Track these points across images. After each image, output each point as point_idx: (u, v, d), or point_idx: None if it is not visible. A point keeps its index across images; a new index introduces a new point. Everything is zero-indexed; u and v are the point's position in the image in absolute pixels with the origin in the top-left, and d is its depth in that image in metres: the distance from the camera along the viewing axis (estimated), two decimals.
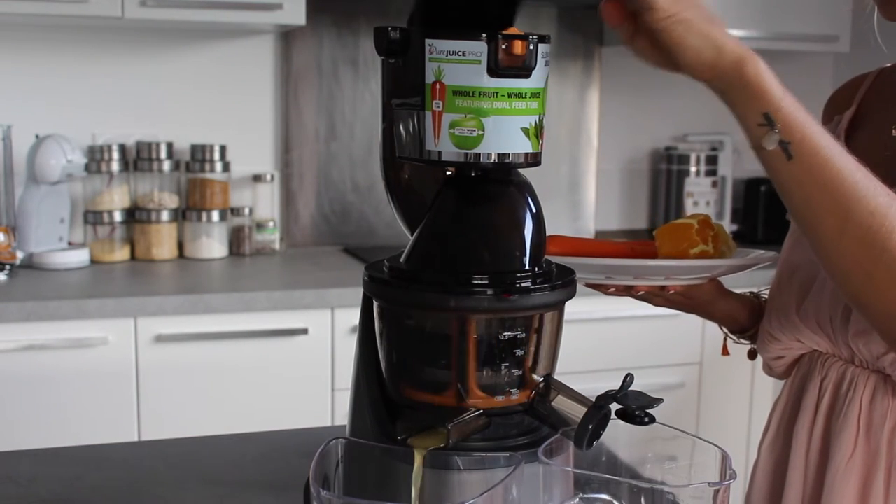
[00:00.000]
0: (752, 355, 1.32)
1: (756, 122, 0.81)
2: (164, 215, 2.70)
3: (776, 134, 0.80)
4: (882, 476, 1.08)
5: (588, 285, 1.16)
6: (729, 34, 0.80)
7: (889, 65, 1.20)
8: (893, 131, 1.13)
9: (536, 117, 0.81)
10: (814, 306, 1.12)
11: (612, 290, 1.16)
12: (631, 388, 0.79)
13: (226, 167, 2.78)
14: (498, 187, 0.85)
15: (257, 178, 2.86)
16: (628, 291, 1.17)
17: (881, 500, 1.08)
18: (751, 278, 1.23)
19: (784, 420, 1.21)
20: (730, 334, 1.30)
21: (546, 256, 0.87)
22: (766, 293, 1.28)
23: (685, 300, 1.21)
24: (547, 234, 0.88)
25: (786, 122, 0.80)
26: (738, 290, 1.28)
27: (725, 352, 1.32)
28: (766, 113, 0.80)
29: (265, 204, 2.88)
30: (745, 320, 1.27)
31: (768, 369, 1.26)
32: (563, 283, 0.84)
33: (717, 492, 0.75)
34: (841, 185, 0.82)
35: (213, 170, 2.75)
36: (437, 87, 0.78)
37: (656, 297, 1.20)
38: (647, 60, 0.82)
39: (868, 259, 0.83)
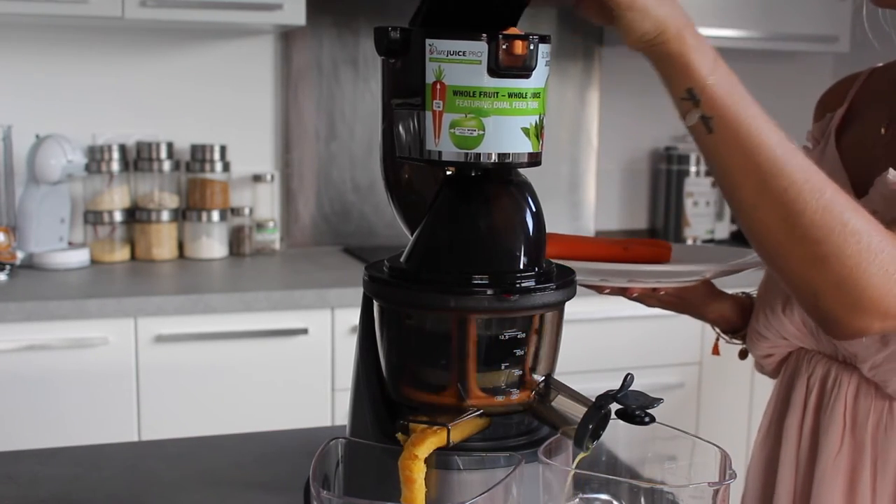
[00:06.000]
0: (742, 355, 1.33)
1: (680, 96, 0.81)
2: (164, 215, 2.70)
3: (698, 110, 0.81)
4: (868, 471, 1.10)
5: (583, 285, 1.17)
6: (673, 5, 0.79)
7: (881, 64, 1.21)
8: (882, 130, 1.14)
9: (537, 117, 0.81)
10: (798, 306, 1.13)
11: (608, 290, 1.18)
12: (631, 388, 0.79)
13: (226, 167, 2.78)
14: (498, 187, 0.85)
15: (257, 178, 2.86)
16: (623, 292, 1.19)
17: (868, 493, 1.10)
18: (743, 279, 1.24)
19: (774, 417, 1.23)
20: (722, 334, 1.32)
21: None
22: (756, 293, 1.29)
23: (678, 301, 1.25)
24: None
25: (710, 97, 0.80)
26: (730, 291, 1.29)
27: (716, 351, 1.33)
28: (690, 88, 0.80)
29: (265, 204, 2.88)
30: (738, 320, 1.29)
31: (759, 367, 1.28)
32: (563, 283, 0.84)
33: (716, 492, 0.75)
34: (758, 158, 0.82)
35: (213, 170, 2.75)
36: (438, 86, 0.78)
37: (649, 298, 1.22)
38: (590, 18, 0.81)
39: (781, 231, 0.84)
